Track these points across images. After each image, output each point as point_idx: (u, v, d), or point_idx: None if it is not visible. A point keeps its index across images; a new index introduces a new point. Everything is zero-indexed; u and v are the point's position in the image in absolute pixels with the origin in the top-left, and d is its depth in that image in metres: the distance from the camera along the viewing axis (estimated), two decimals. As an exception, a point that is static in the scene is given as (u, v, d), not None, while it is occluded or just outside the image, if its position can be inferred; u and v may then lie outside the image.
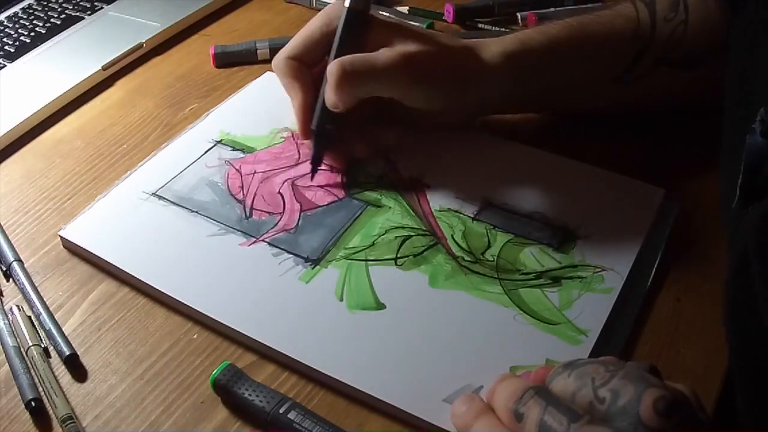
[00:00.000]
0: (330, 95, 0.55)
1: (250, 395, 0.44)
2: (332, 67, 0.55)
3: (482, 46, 0.59)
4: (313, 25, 0.59)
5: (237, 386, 0.45)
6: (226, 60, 0.76)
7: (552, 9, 0.79)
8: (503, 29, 0.78)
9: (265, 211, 0.57)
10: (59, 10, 0.83)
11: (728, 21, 0.51)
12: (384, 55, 0.55)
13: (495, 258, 0.53)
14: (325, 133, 0.58)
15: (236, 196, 0.58)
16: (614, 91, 0.61)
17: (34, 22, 0.81)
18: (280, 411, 0.44)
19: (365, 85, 0.56)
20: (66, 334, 0.49)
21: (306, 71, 0.59)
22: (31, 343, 0.48)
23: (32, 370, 0.47)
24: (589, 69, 0.60)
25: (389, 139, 0.61)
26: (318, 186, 0.59)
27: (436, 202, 0.57)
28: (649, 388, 0.34)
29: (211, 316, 0.50)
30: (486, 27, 0.79)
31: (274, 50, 0.76)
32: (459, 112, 0.60)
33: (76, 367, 0.48)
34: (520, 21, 0.79)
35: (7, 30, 0.80)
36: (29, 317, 0.51)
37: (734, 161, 0.41)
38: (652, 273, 0.52)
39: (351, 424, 0.44)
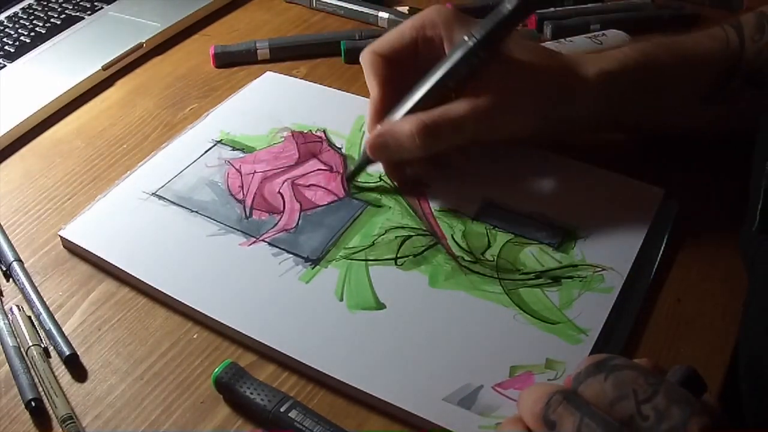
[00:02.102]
0: (405, 150, 0.54)
1: (251, 394, 0.44)
2: (412, 127, 0.53)
3: (581, 66, 0.57)
4: (406, 26, 0.57)
5: (239, 384, 0.45)
6: (226, 60, 0.76)
7: (552, 9, 0.79)
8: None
9: (265, 211, 0.57)
10: (59, 10, 0.83)
11: None
12: (461, 110, 0.53)
13: (495, 258, 0.53)
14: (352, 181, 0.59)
15: (236, 195, 0.58)
16: (704, 111, 0.59)
17: (34, 22, 0.81)
18: (281, 410, 0.44)
19: (445, 143, 0.55)
20: (66, 334, 0.49)
21: (388, 68, 0.57)
22: (31, 343, 0.48)
23: (32, 370, 0.47)
24: (683, 87, 0.59)
25: (458, 161, 0.59)
26: (318, 186, 0.59)
27: (436, 202, 0.57)
28: (694, 417, 0.33)
29: (211, 316, 0.50)
30: (486, 27, 0.79)
31: (274, 50, 0.76)
32: (548, 134, 0.59)
33: (76, 367, 0.48)
34: (520, 21, 0.79)
35: (7, 30, 0.80)
36: (29, 317, 0.51)
37: (758, 187, 0.41)
38: (652, 273, 0.52)
39: (351, 424, 0.44)
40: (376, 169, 0.60)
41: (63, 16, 0.82)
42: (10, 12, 0.84)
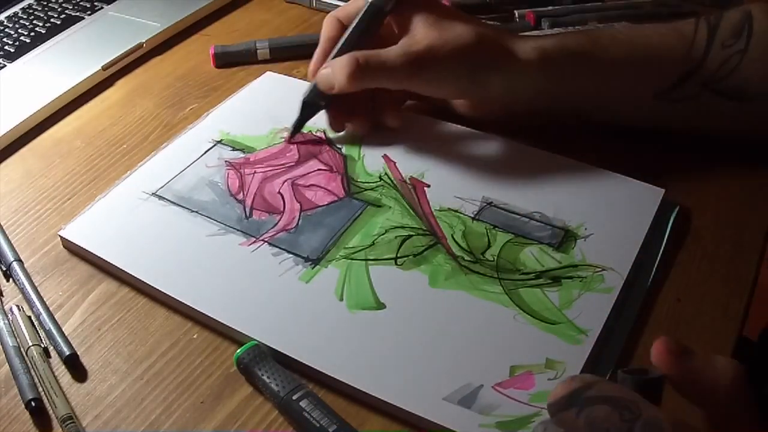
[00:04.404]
0: (337, 81, 0.58)
1: (267, 378, 0.45)
2: (345, 60, 0.57)
3: (518, 40, 0.59)
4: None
5: (258, 367, 0.46)
6: (226, 60, 0.76)
7: (550, 7, 0.79)
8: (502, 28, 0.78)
9: (265, 211, 0.57)
10: (59, 10, 0.83)
11: None
12: (393, 53, 0.57)
13: (495, 258, 0.53)
14: (313, 105, 0.62)
15: (236, 196, 0.58)
16: (654, 108, 0.59)
17: (34, 22, 0.81)
18: (293, 398, 0.44)
19: (374, 81, 0.58)
20: (66, 334, 0.49)
21: (340, 29, 0.62)
22: (31, 343, 0.48)
23: (32, 370, 0.47)
24: (630, 80, 0.58)
25: (388, 122, 0.62)
26: (318, 186, 0.59)
27: (436, 201, 0.57)
28: None
29: (211, 316, 0.50)
30: (486, 26, 0.79)
31: (274, 50, 0.76)
32: (483, 104, 0.61)
33: (76, 367, 0.48)
34: (517, 18, 0.79)
35: (7, 30, 0.80)
36: (29, 317, 0.51)
37: None
38: (652, 273, 0.52)
39: (351, 423, 0.44)
40: (376, 169, 0.60)
41: (63, 16, 0.82)
42: (10, 12, 0.83)
